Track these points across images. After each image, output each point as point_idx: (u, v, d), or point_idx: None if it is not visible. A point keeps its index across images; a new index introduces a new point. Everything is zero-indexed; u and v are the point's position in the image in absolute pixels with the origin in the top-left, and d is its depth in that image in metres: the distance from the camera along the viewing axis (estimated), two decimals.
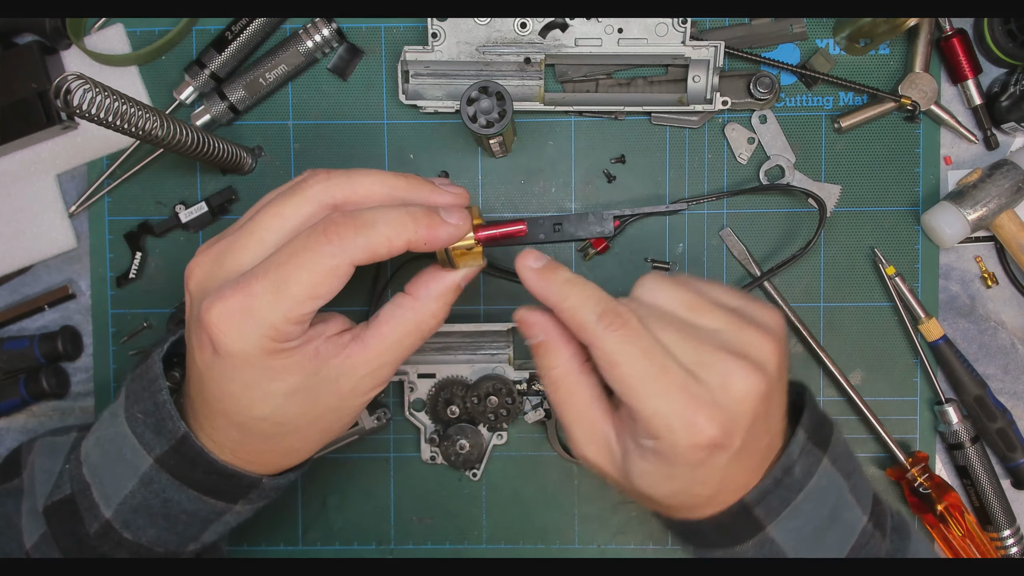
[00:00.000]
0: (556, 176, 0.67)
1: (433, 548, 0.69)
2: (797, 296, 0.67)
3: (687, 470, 0.41)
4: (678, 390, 0.40)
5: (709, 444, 0.40)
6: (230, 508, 0.49)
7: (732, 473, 0.43)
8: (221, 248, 0.43)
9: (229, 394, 0.43)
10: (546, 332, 0.45)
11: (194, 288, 0.44)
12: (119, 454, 0.47)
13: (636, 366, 0.40)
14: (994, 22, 0.64)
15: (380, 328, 0.45)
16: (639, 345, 0.41)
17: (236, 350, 0.41)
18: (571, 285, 0.43)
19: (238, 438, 0.46)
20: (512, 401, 0.65)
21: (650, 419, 0.40)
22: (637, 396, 0.40)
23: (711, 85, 0.64)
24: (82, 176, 0.68)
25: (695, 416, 0.40)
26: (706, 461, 0.41)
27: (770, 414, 0.43)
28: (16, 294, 0.69)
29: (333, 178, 0.44)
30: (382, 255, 0.41)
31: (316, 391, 0.44)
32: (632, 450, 0.43)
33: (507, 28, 0.63)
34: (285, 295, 0.40)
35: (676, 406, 0.40)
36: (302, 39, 0.64)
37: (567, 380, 0.45)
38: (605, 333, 0.41)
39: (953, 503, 0.63)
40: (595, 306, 0.42)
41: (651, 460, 0.42)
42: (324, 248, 0.40)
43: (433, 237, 0.43)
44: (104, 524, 0.48)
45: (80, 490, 0.48)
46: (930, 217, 0.64)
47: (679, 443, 0.40)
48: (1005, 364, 0.67)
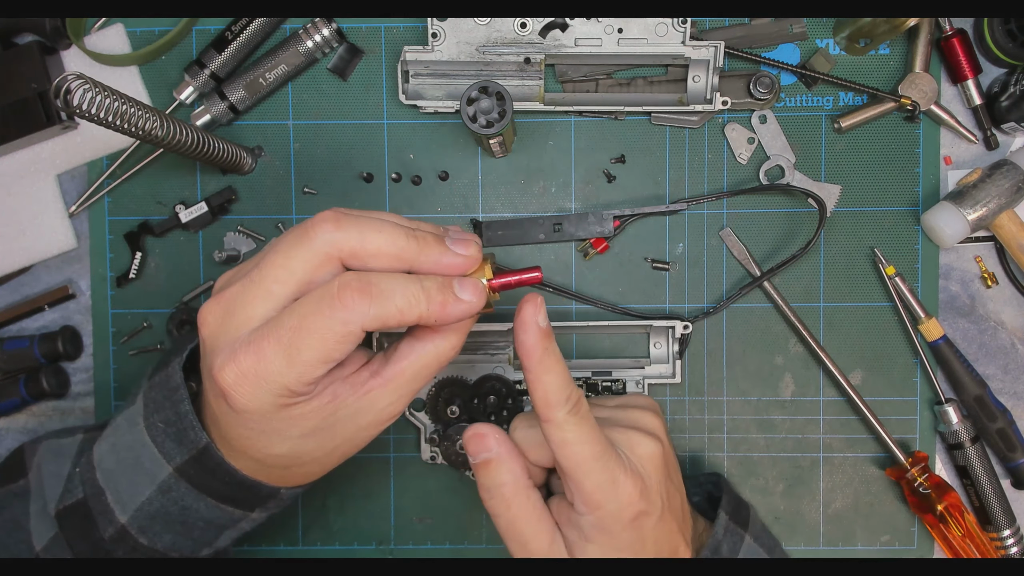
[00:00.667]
0: (556, 176, 0.67)
1: (433, 548, 0.69)
2: (797, 296, 0.67)
3: (626, 538, 0.45)
4: (615, 462, 0.45)
5: (635, 500, 0.45)
6: (247, 515, 0.49)
7: (662, 536, 0.47)
8: (231, 297, 0.42)
9: (245, 438, 0.44)
10: (499, 443, 0.46)
11: (207, 337, 0.43)
12: (136, 461, 0.47)
13: (587, 447, 0.44)
14: (994, 22, 0.64)
15: (400, 363, 0.44)
16: (591, 429, 0.44)
17: (251, 409, 0.41)
18: (557, 360, 0.44)
19: (255, 467, 0.46)
20: (512, 401, 0.65)
21: (592, 492, 0.44)
22: (584, 472, 0.44)
23: (711, 85, 0.64)
24: (82, 176, 0.68)
25: (626, 479, 0.45)
26: (638, 522, 0.45)
27: (671, 474, 0.49)
28: (16, 294, 0.69)
29: (342, 229, 0.41)
30: (391, 326, 0.41)
31: (334, 429, 0.44)
32: (576, 540, 0.46)
33: (507, 28, 0.63)
34: (296, 361, 0.40)
35: (612, 475, 0.44)
36: (302, 39, 0.64)
37: (519, 496, 0.46)
38: (568, 416, 0.44)
39: (953, 503, 0.63)
40: (567, 388, 0.44)
41: (595, 537, 0.45)
42: (337, 315, 0.39)
43: (445, 316, 0.42)
44: (119, 529, 0.48)
45: (94, 495, 0.48)
46: (930, 217, 0.64)
47: (617, 507, 0.45)
48: (1005, 364, 0.67)
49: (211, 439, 0.46)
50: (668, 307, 0.67)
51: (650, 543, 0.47)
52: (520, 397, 0.65)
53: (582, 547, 0.46)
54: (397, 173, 0.67)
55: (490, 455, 0.46)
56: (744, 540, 0.54)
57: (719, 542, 0.52)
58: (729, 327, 0.67)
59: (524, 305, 0.43)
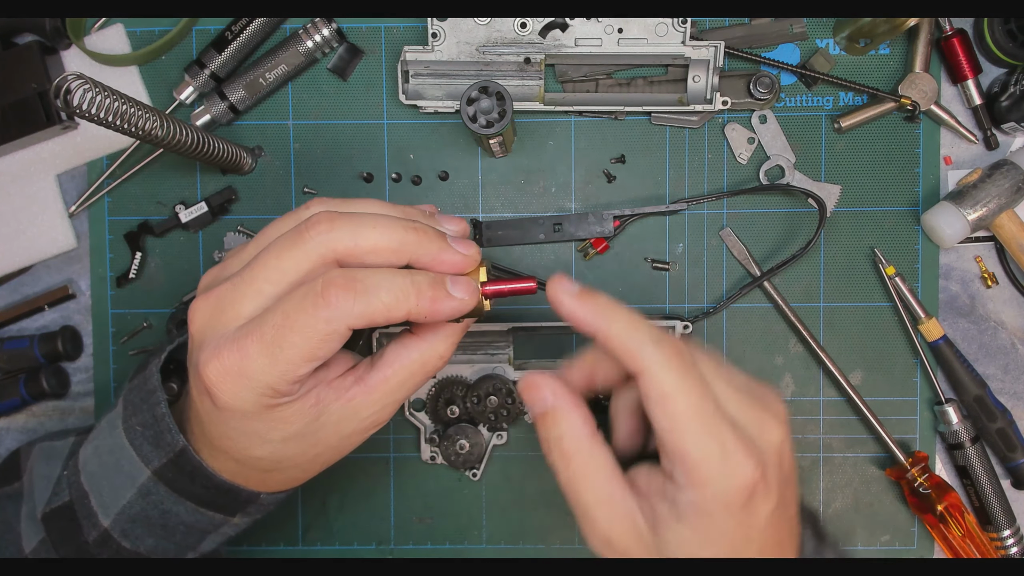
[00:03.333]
0: (556, 176, 0.67)
1: (433, 548, 0.69)
2: (797, 296, 0.67)
3: (729, 526, 0.38)
4: (729, 430, 0.38)
5: (753, 485, 0.38)
6: (228, 521, 0.49)
7: (770, 534, 0.40)
8: (221, 294, 0.41)
9: (228, 436, 0.43)
10: (556, 395, 0.41)
11: (195, 333, 0.43)
12: (117, 464, 0.47)
13: (691, 402, 0.37)
14: (994, 22, 0.64)
15: (384, 371, 0.43)
16: (695, 380, 0.38)
17: (234, 407, 0.40)
18: (617, 310, 0.39)
19: (236, 469, 0.46)
20: (512, 401, 0.65)
21: (697, 464, 0.37)
22: (687, 436, 0.37)
23: (711, 85, 0.64)
24: (82, 176, 0.68)
25: (744, 458, 0.38)
26: (745, 509, 0.38)
27: (793, 471, 0.42)
28: (16, 294, 0.69)
29: (336, 228, 0.40)
30: (379, 323, 0.39)
31: (316, 434, 0.43)
32: (665, 516, 0.39)
33: (507, 28, 0.63)
34: (280, 359, 0.39)
35: (727, 448, 0.37)
36: (302, 39, 0.64)
37: (581, 452, 0.40)
38: (663, 361, 0.37)
39: (953, 503, 0.63)
40: (648, 331, 0.38)
41: (690, 521, 0.38)
42: (320, 312, 0.38)
43: (435, 312, 0.40)
44: (103, 533, 0.48)
45: (78, 498, 0.48)
46: (930, 217, 0.64)
47: (724, 488, 0.37)
48: (1005, 364, 0.67)
49: (188, 442, 0.46)
50: (668, 307, 0.67)
51: (755, 540, 0.39)
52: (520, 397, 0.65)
53: (670, 526, 0.39)
54: (397, 173, 0.67)
55: (545, 407, 0.41)
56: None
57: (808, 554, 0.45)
58: (729, 327, 0.67)
59: (548, 287, 0.41)
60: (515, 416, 0.65)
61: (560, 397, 0.41)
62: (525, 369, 0.65)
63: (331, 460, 0.46)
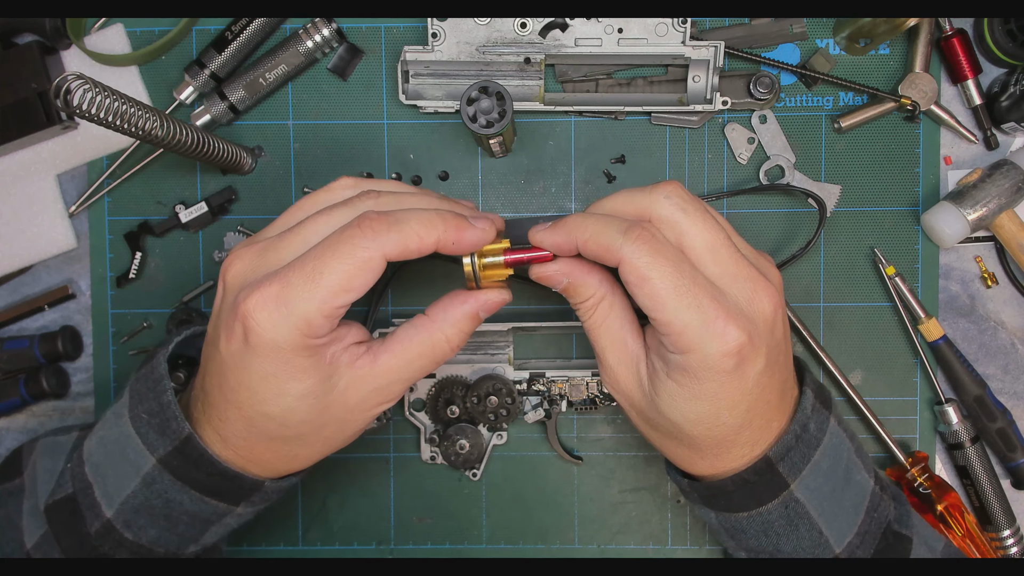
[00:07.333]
0: (556, 176, 0.67)
1: (433, 548, 0.69)
2: (797, 296, 0.67)
3: (715, 386, 0.42)
4: (709, 300, 0.41)
5: (738, 351, 0.41)
6: (231, 510, 0.49)
7: (756, 398, 0.43)
8: (264, 245, 0.45)
9: (246, 386, 0.44)
10: (569, 272, 0.46)
11: (231, 279, 0.45)
12: (122, 454, 0.48)
13: (667, 279, 0.41)
14: (994, 22, 0.64)
15: (392, 346, 0.46)
16: (668, 256, 0.41)
17: (268, 339, 0.42)
18: (585, 218, 0.44)
19: (243, 433, 0.46)
20: (512, 401, 0.65)
21: (681, 332, 0.41)
22: (668, 309, 0.41)
23: (711, 85, 0.64)
24: (82, 176, 0.68)
25: (726, 325, 0.41)
26: (733, 373, 0.42)
27: (787, 339, 0.46)
28: (16, 294, 0.69)
29: (384, 197, 0.46)
30: (412, 251, 0.43)
31: (325, 399, 0.45)
32: (659, 369, 0.44)
33: (507, 28, 0.63)
34: (320, 284, 0.41)
35: (707, 316, 0.41)
36: (302, 39, 0.64)
37: (601, 305, 0.46)
38: (634, 247, 0.41)
39: (953, 503, 0.63)
40: (618, 225, 0.42)
41: (678, 377, 0.43)
42: (358, 240, 0.42)
43: (461, 238, 0.44)
44: (105, 523, 0.48)
45: (82, 489, 0.49)
46: (930, 217, 0.64)
47: (710, 353, 0.41)
48: (1005, 364, 0.67)
49: (195, 428, 0.47)
50: None
51: (741, 403, 0.43)
52: (520, 397, 0.65)
53: (663, 380, 0.44)
54: (397, 173, 0.67)
55: (563, 284, 0.46)
56: (830, 421, 0.48)
57: (807, 418, 0.47)
58: None
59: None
60: (515, 416, 0.65)
61: (572, 271, 0.46)
62: (525, 369, 0.65)
63: (334, 437, 0.48)
